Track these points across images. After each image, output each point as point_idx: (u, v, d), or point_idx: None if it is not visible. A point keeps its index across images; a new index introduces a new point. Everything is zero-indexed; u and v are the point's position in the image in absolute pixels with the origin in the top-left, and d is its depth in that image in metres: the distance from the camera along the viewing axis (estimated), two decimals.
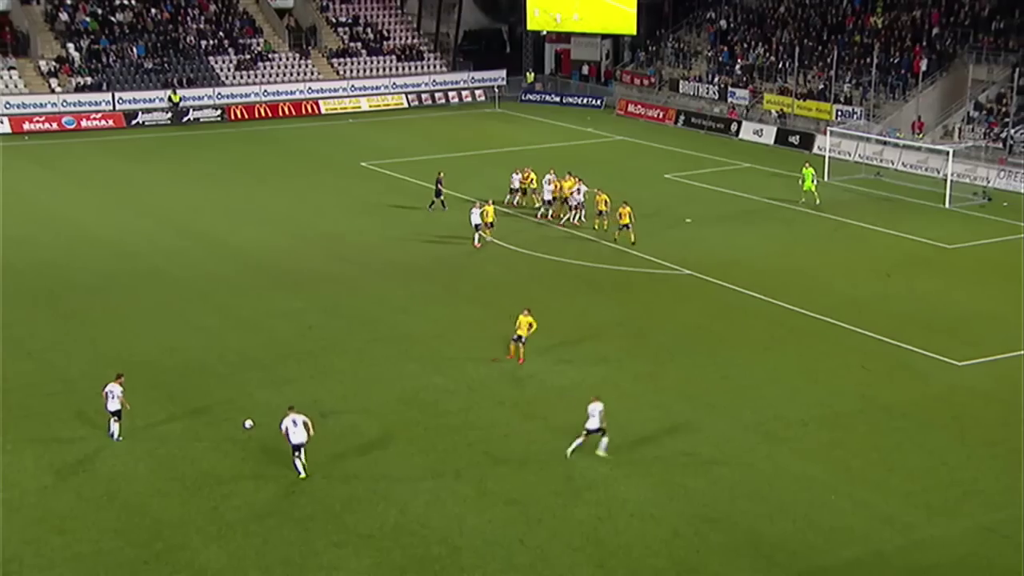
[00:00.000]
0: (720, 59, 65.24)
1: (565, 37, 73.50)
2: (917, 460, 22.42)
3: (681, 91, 65.43)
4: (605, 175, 44.02)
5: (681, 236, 38.60)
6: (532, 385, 26.05)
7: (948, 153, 45.06)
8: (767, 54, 62.95)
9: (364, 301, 31.95)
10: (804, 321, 30.09)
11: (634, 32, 69.27)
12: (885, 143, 50.72)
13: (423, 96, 68.30)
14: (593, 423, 22.41)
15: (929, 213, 42.20)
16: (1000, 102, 51.33)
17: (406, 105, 67.30)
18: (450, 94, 68.99)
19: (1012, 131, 48.42)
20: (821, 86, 58.01)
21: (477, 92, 69.69)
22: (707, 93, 63.89)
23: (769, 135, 56.76)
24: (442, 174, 42.85)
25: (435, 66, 71.02)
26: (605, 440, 22.45)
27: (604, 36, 71.98)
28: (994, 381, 25.88)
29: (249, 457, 22.65)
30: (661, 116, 63.11)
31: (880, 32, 58.95)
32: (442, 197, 41.56)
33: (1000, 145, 48.81)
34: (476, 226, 36.88)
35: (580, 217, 39.06)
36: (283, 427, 21.98)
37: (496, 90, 68.51)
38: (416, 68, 70.20)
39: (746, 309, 30.93)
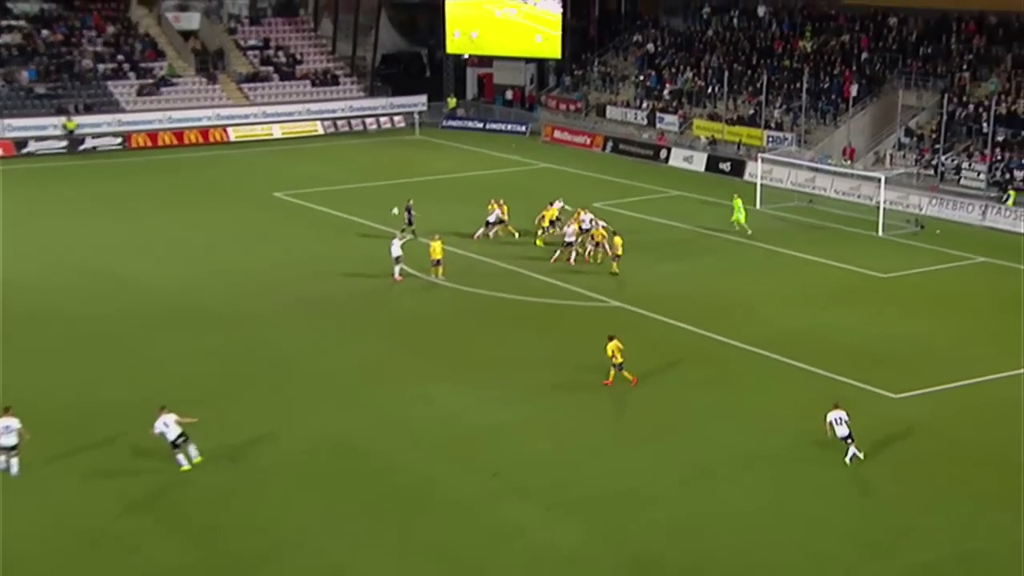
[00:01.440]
0: (648, 84, 66.29)
1: (487, 61, 74.04)
2: (855, 497, 22.81)
3: (609, 116, 66.29)
4: (532, 204, 44.26)
5: (593, 269, 39.01)
6: (458, 425, 25.98)
7: (880, 180, 46.34)
8: (696, 79, 64.17)
9: (278, 339, 31.64)
10: (737, 354, 30.52)
11: (559, 56, 70.12)
12: (817, 170, 51.98)
13: (339, 122, 68.17)
14: (843, 431, 23.66)
15: (862, 241, 43.25)
16: (930, 128, 53.02)
17: (321, 132, 67.10)
18: (368, 120, 68.94)
19: (943, 158, 49.96)
20: (751, 111, 59.27)
21: (396, 118, 69.76)
22: (635, 119, 64.82)
23: (699, 162, 57.76)
24: (411, 201, 42.86)
25: (352, 91, 70.94)
26: (852, 449, 23.68)
27: (528, 60, 72.73)
28: (931, 414, 26.49)
29: (154, 506, 22.22)
30: (588, 142, 63.81)
31: (809, 56, 60.51)
32: (414, 226, 41.65)
33: (931, 172, 50.32)
34: (396, 258, 36.85)
35: (571, 257, 38.92)
36: (157, 430, 23.14)
37: (416, 116, 68.65)
38: (331, 93, 70.04)
39: (678, 342, 31.28)
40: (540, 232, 41.59)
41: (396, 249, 36.86)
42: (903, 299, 35.85)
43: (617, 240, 38.10)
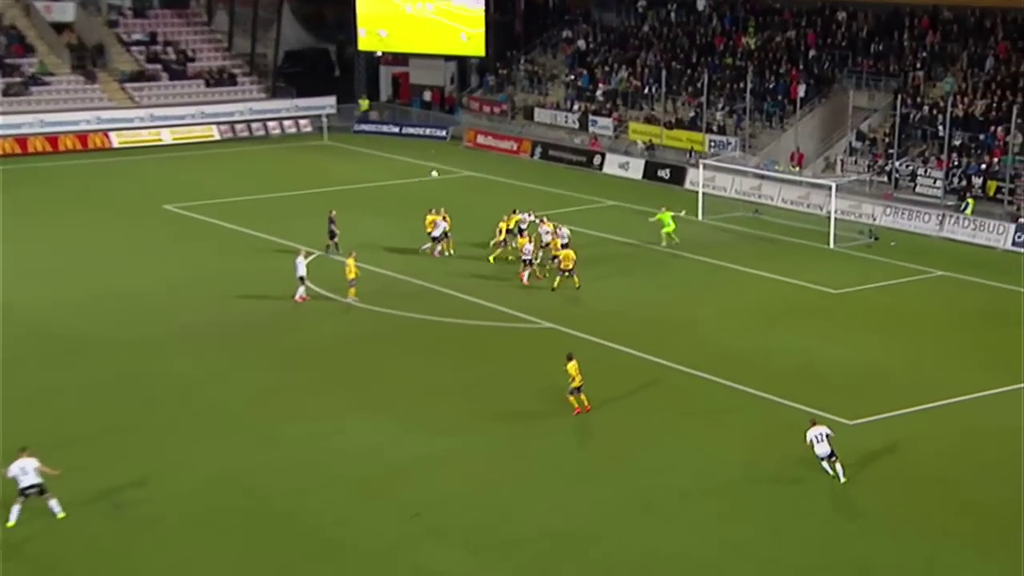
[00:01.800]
0: (579, 84, 66.83)
1: (403, 59, 74.08)
2: (809, 533, 23.06)
3: (537, 120, 66.66)
4: (453, 216, 44.33)
5: (540, 285, 39.19)
6: (373, 461, 25.84)
7: (831, 188, 47.17)
8: (631, 78, 64.85)
9: (169, 369, 31.21)
10: (680, 378, 30.79)
11: (482, 54, 70.42)
12: (763, 177, 52.75)
13: (238, 127, 67.71)
14: (823, 449, 24.52)
15: (813, 254, 43.99)
16: (883, 131, 54.18)
17: (217, 137, 66.59)
18: (270, 124, 68.61)
19: (897, 163, 51.06)
20: (692, 114, 60.03)
21: (302, 122, 69.49)
22: (566, 122, 65.25)
23: (636, 169, 58.31)
24: (334, 212, 42.62)
25: (251, 92, 70.51)
26: (839, 466, 24.58)
27: (448, 58, 72.91)
28: (888, 442, 26.95)
29: (27, 561, 21.69)
30: (515, 148, 64.06)
31: (753, 54, 61.51)
32: (336, 239, 41.52)
33: (885, 179, 51.40)
34: (300, 278, 36.67)
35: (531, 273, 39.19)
36: (10, 473, 22.49)
37: (324, 119, 68.41)
38: (228, 94, 69.51)
39: (615, 366, 31.46)
40: (494, 246, 41.66)
41: (301, 268, 36.68)
42: (856, 317, 36.50)
43: (568, 254, 38.45)
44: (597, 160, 60.15)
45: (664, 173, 57.05)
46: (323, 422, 27.84)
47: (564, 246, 39.38)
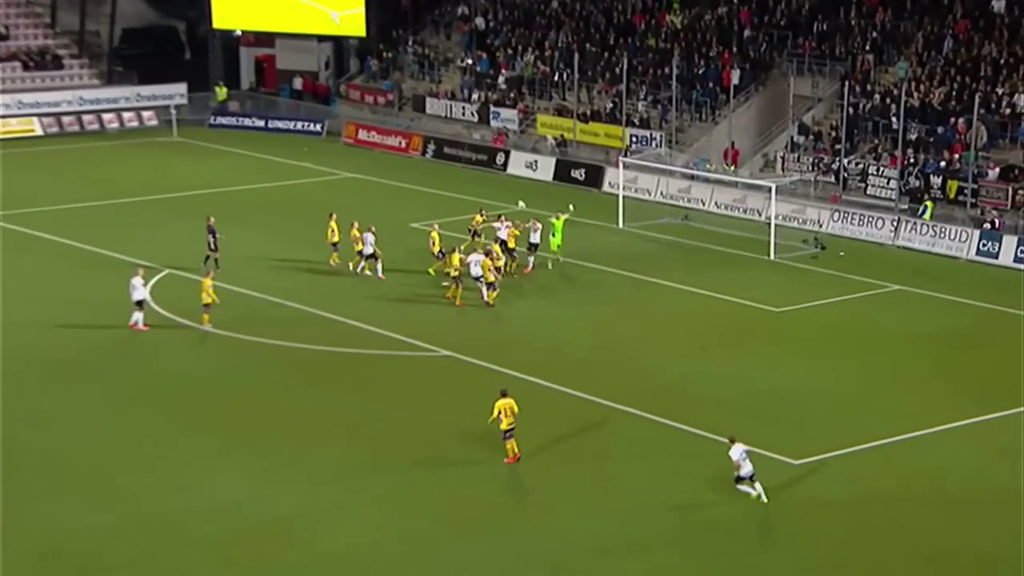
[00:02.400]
0: (478, 69, 67.04)
1: (268, 39, 73.62)
2: None
3: (429, 111, 66.68)
4: (326, 225, 44.16)
5: (438, 307, 39.14)
6: (235, 517, 25.54)
7: (770, 190, 47.90)
8: (539, 63, 65.24)
9: None
10: (598, 413, 30.94)
11: (363, 33, 70.33)
12: (693, 178, 53.34)
13: (65, 120, 66.69)
14: (749, 468, 25.66)
15: (751, 267, 44.60)
16: (829, 124, 55.19)
17: (40, 132, 65.62)
18: (106, 117, 67.66)
19: (845, 161, 52.01)
20: (610, 104, 60.55)
21: (146, 114, 68.72)
22: (463, 114, 65.38)
23: (546, 168, 58.60)
24: (212, 220, 42.25)
25: (82, 77, 69.50)
26: (758, 486, 25.70)
27: (322, 38, 72.61)
28: (837, 484, 27.33)
29: None
30: (404, 145, 63.99)
31: (679, 35, 62.30)
32: (218, 253, 41.31)
33: (832, 179, 52.31)
34: (138, 302, 36.19)
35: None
36: None
37: (174, 111, 67.71)
38: (53, 80, 68.39)
39: (524, 401, 31.43)
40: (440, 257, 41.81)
41: (139, 290, 36.15)
42: (801, 339, 37.05)
43: (487, 262, 38.84)
44: (500, 159, 60.33)
45: (578, 173, 57.43)
46: (173, 473, 27.46)
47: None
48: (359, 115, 68.44)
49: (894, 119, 51.74)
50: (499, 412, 27.67)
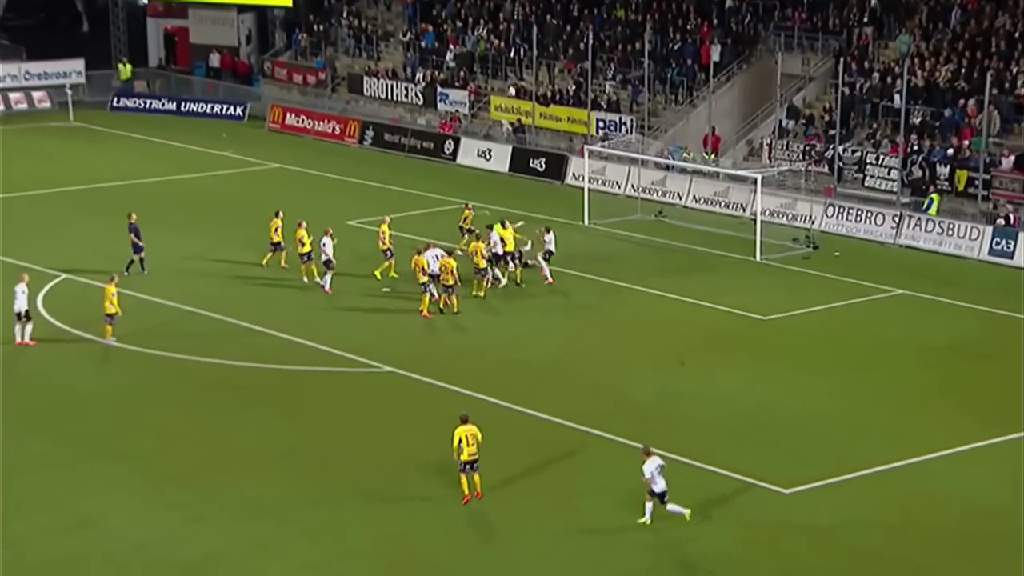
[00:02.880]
0: (423, 44, 67.01)
1: (180, 9, 73.29)
2: None
3: (367, 93, 66.66)
4: (256, 223, 43.99)
5: (381, 316, 39.20)
6: (144, 559, 25.38)
7: (756, 181, 48.12)
8: (491, 37, 65.27)
9: None
10: (564, 437, 31.00)
11: (289, 3, 70.11)
12: (668, 168, 53.55)
13: None
14: (662, 485, 26.24)
15: (734, 269, 44.81)
16: (822, 106, 55.51)
17: None
18: None
19: (840, 149, 52.32)
20: (573, 85, 60.67)
21: (36, 95, 68.38)
22: (406, 96, 65.37)
23: (501, 158, 58.74)
24: (135, 217, 42.20)
25: None
26: (674, 507, 26.36)
27: (243, 8, 72.38)
28: (832, 515, 27.43)
29: None
30: (338, 131, 63.96)
31: (652, 5, 62.47)
32: (143, 254, 41.41)
33: (825, 169, 52.59)
34: (20, 314, 35.89)
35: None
36: None
37: (69, 92, 67.38)
38: None
39: (478, 425, 31.52)
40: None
41: (22, 299, 35.89)
42: (791, 350, 37.26)
43: (450, 262, 39.27)
44: (449, 147, 60.39)
45: (538, 163, 57.56)
46: (71, 509, 27.26)
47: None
48: (286, 97, 68.27)
49: (896, 98, 51.98)
50: (459, 441, 27.43)
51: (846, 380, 34.96)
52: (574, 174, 55.22)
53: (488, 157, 59.03)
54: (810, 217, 49.35)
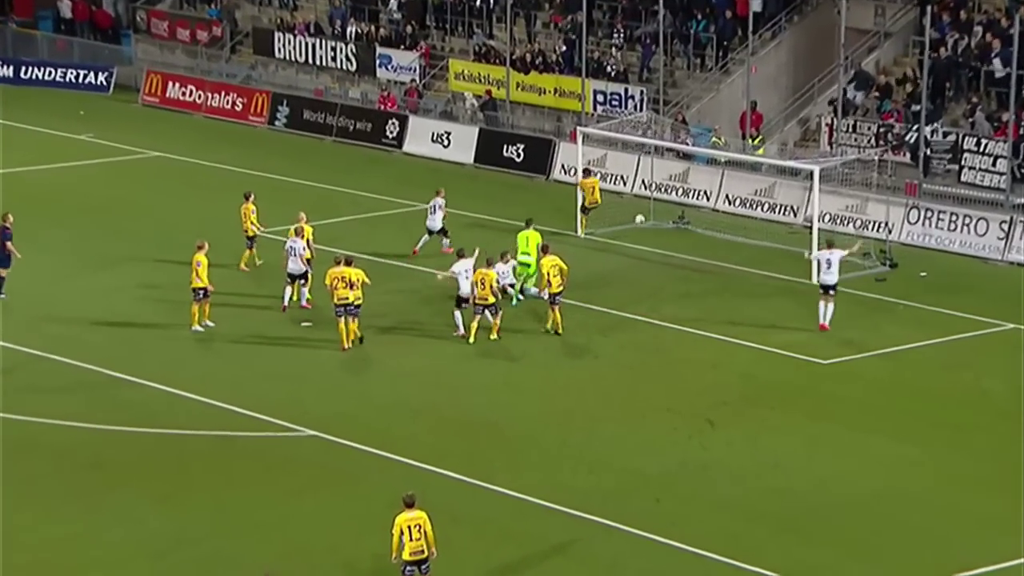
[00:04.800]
0: None
1: None
2: None
3: (280, 55, 66.73)
4: (128, 232, 43.85)
5: (298, 356, 39.20)
6: None
7: (811, 175, 48.05)
8: None
9: None
10: (546, 524, 30.92)
11: None
12: (690, 158, 53.58)
13: None
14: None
15: (781, 296, 44.83)
16: (902, 73, 55.54)
17: None
18: None
19: (927, 130, 52.29)
20: (562, 46, 60.75)
21: None
22: (333, 59, 65.38)
23: (464, 144, 58.75)
24: (11, 219, 42.66)
25: None
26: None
27: None
28: None
29: None
30: (239, 107, 64.06)
31: None
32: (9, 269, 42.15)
33: (907, 158, 52.68)
34: None
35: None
36: None
37: None
38: None
39: (431, 502, 31.38)
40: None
41: None
42: (861, 408, 37.12)
43: (490, 275, 39.83)
44: (392, 129, 60.46)
45: (514, 151, 57.61)
46: None
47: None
48: (167, 60, 68.30)
49: (997, 64, 52.07)
50: (401, 533, 27.43)
51: (937, 449, 34.89)
52: (563, 166, 55.22)
53: (446, 143, 59.11)
54: (886, 224, 49.42)
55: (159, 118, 63.72)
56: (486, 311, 40.08)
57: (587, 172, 49.83)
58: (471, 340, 39.96)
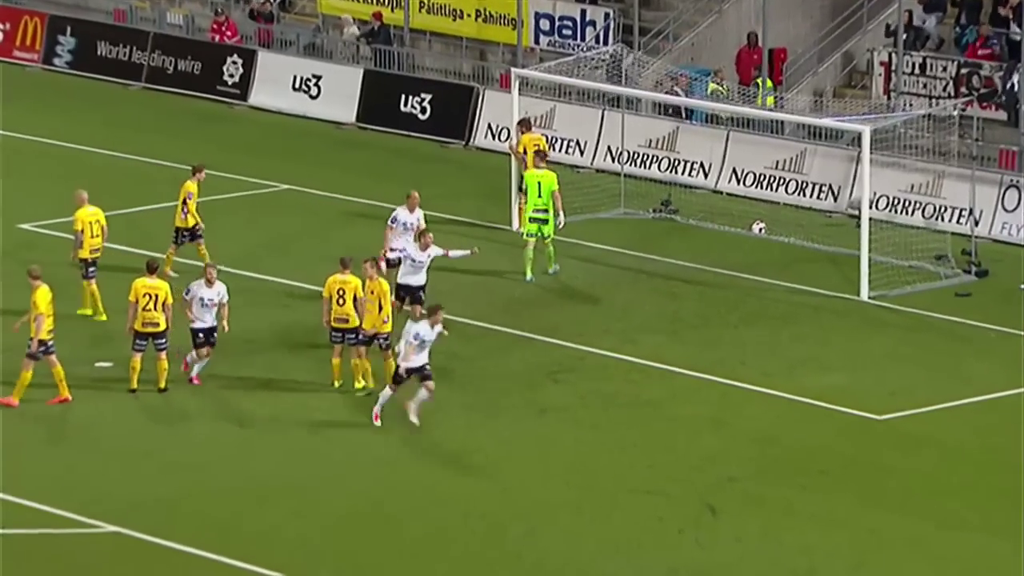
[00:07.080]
0: None
1: None
2: None
3: None
4: None
5: (104, 432, 39.35)
6: None
7: (858, 138, 48.48)
8: None
9: None
10: None
11: None
12: (680, 114, 54.11)
13: None
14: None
15: (818, 318, 45.49)
16: None
17: None
18: None
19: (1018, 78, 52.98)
20: None
21: None
22: None
23: (341, 93, 59.55)
24: None
25: None
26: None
27: None
28: None
29: None
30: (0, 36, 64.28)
31: None
32: None
33: (1001, 113, 53.29)
34: None
35: None
36: None
37: None
38: None
39: None
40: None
41: None
42: (934, 490, 37.49)
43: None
44: (232, 72, 61.02)
45: (416, 104, 58.15)
46: None
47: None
48: None
49: None
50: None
51: None
52: (491, 126, 55.61)
53: (314, 92, 59.66)
54: (970, 212, 50.00)
55: None
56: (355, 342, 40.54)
57: (526, 125, 49.40)
58: (336, 384, 40.34)
